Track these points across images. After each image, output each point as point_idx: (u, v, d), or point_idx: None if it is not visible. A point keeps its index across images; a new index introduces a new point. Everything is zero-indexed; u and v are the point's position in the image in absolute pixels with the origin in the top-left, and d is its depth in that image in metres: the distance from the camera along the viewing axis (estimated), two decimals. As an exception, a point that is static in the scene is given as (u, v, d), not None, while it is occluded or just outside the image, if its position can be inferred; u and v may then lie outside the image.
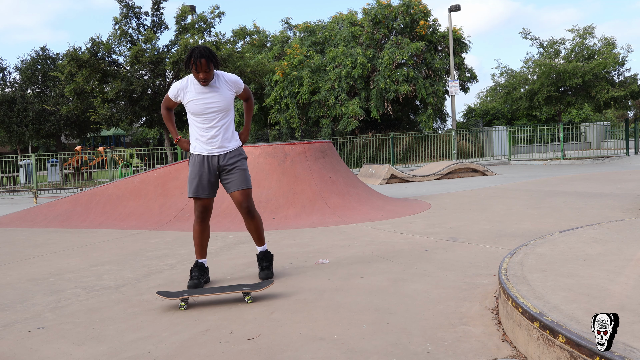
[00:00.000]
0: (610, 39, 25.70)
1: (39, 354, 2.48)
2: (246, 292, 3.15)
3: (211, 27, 17.99)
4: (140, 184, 7.18)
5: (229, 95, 3.47)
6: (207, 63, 3.27)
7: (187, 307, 3.10)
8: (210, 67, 3.30)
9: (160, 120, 17.84)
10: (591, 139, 25.69)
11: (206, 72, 3.30)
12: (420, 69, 23.00)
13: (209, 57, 3.28)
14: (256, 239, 3.67)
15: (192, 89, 3.43)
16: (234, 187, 3.50)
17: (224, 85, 3.46)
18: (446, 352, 2.23)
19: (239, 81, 3.53)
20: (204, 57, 3.25)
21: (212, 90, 3.42)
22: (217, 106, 3.44)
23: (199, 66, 3.27)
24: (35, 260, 4.83)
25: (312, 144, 6.97)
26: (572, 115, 33.78)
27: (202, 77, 3.32)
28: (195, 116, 3.46)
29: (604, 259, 2.91)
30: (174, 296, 3.11)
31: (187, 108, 3.47)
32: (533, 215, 5.90)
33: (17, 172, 20.16)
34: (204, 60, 3.26)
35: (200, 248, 3.58)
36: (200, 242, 3.56)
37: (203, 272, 3.54)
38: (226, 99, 3.45)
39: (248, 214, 3.53)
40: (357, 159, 20.41)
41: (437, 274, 3.53)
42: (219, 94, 3.43)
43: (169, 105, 3.63)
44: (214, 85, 3.42)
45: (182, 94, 3.46)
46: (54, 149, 31.51)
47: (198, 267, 3.53)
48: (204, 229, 3.56)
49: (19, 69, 22.91)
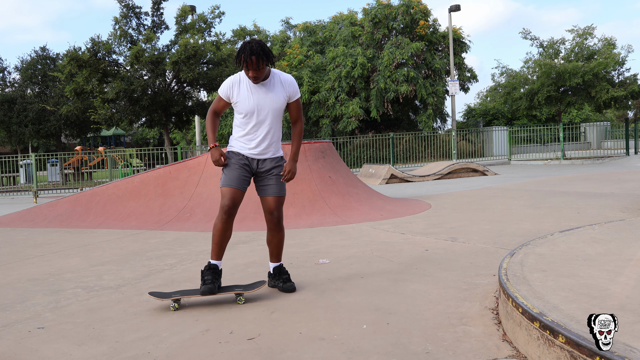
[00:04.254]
0: (611, 39, 25.70)
1: (39, 354, 2.48)
2: (238, 293, 3.13)
3: (211, 27, 18.00)
4: (140, 184, 7.18)
5: (282, 96, 3.21)
6: (258, 61, 3.02)
7: (186, 307, 3.10)
8: (261, 65, 3.04)
9: (160, 120, 17.85)
10: (591, 139, 25.69)
11: (256, 71, 3.05)
12: (420, 69, 23.00)
13: (260, 54, 3.02)
14: (275, 255, 3.36)
15: (244, 85, 3.19)
16: (270, 192, 3.24)
17: (278, 85, 3.22)
18: (446, 352, 2.23)
19: (293, 83, 3.26)
20: (254, 54, 3.00)
21: (265, 89, 3.18)
22: (268, 105, 3.19)
23: (250, 64, 3.03)
24: (35, 260, 4.83)
25: (312, 144, 6.96)
26: (572, 115, 33.77)
27: (252, 76, 3.08)
28: (243, 115, 3.20)
29: (604, 259, 2.91)
30: (166, 297, 3.07)
31: (235, 106, 3.22)
32: (533, 215, 5.90)
33: (17, 172, 20.16)
34: (254, 58, 3.00)
35: (218, 248, 3.18)
36: (221, 241, 3.17)
37: (217, 276, 3.18)
38: (279, 99, 3.21)
39: (277, 224, 3.26)
40: (357, 159, 20.41)
41: (437, 274, 3.53)
42: (272, 93, 3.19)
43: (217, 108, 3.28)
44: (268, 84, 3.19)
45: (233, 91, 3.19)
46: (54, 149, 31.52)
47: (212, 269, 3.17)
48: (227, 227, 3.16)
49: (19, 69, 22.91)
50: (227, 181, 3.17)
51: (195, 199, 6.69)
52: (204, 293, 3.05)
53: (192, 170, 6.95)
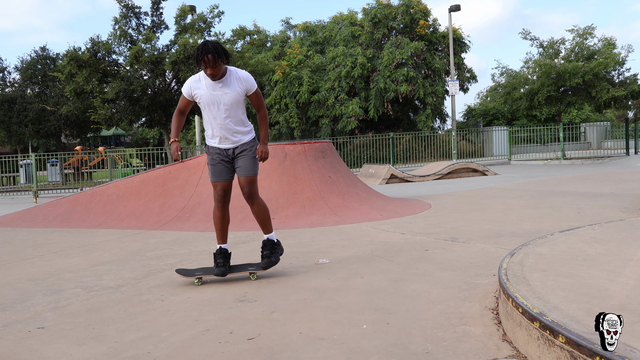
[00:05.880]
0: (611, 39, 25.70)
1: (39, 354, 2.48)
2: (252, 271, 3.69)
3: (211, 27, 17.97)
4: (140, 184, 7.18)
5: (238, 91, 3.55)
6: (214, 59, 3.33)
7: (186, 307, 3.11)
8: (217, 63, 3.36)
9: (160, 120, 17.85)
10: (591, 139, 25.67)
11: (213, 68, 3.37)
12: (420, 69, 22.99)
13: (216, 52, 3.33)
14: (260, 225, 3.78)
15: (204, 83, 3.54)
16: (240, 173, 3.66)
17: (234, 81, 3.54)
18: (446, 352, 2.23)
19: (249, 79, 3.59)
20: (210, 52, 3.32)
21: (223, 85, 3.51)
22: (226, 99, 3.53)
23: (207, 62, 3.35)
24: (35, 260, 4.83)
25: (312, 144, 6.97)
26: (572, 115, 33.76)
27: (209, 73, 3.41)
28: (206, 109, 3.59)
29: (604, 259, 2.91)
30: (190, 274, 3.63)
31: (199, 101, 3.59)
32: (533, 215, 5.90)
33: (17, 172, 20.15)
34: (210, 56, 3.32)
35: (221, 233, 3.71)
36: (222, 226, 3.70)
37: (227, 258, 3.69)
38: (236, 93, 3.54)
39: (249, 198, 3.66)
40: (357, 159, 20.41)
41: (437, 274, 3.53)
42: (229, 88, 3.52)
43: (181, 107, 3.69)
44: (225, 81, 3.51)
45: (194, 90, 3.56)
46: (54, 149, 31.50)
47: (222, 253, 3.68)
48: (224, 214, 3.70)
49: (19, 69, 22.91)
50: (213, 176, 3.67)
51: (195, 199, 6.69)
52: (217, 275, 3.61)
53: (192, 170, 6.95)
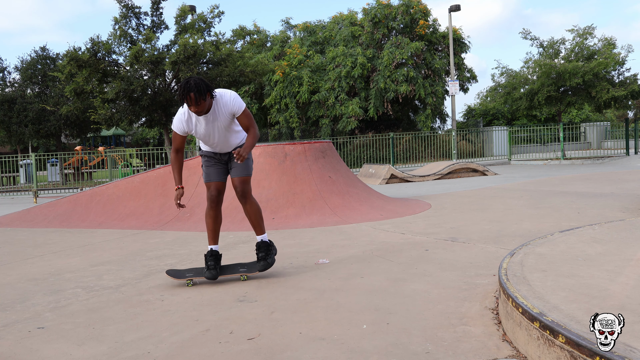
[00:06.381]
0: (611, 39, 25.69)
1: (39, 354, 2.48)
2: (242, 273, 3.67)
3: (211, 27, 17.98)
4: (140, 184, 7.18)
5: (227, 118, 3.50)
6: (196, 98, 3.25)
7: (186, 307, 3.10)
8: (199, 101, 3.27)
9: (160, 120, 17.85)
10: (591, 139, 25.67)
11: (197, 106, 3.29)
12: (420, 69, 22.98)
13: (198, 91, 3.23)
14: (253, 226, 3.76)
15: (193, 118, 3.48)
16: (233, 174, 3.65)
17: (221, 110, 3.46)
18: (446, 352, 2.23)
19: (235, 101, 3.47)
20: (192, 91, 3.23)
21: (212, 118, 3.46)
22: (218, 126, 3.50)
23: (189, 100, 3.27)
24: (35, 260, 4.83)
25: (312, 144, 6.96)
26: (572, 115, 33.75)
27: (194, 110, 3.33)
28: (200, 137, 3.58)
29: (604, 259, 2.91)
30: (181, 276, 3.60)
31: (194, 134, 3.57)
32: (533, 215, 5.90)
33: (17, 172, 20.15)
34: (192, 95, 3.24)
35: (213, 234, 3.70)
36: (214, 227, 3.69)
37: (218, 260, 3.67)
38: (224, 122, 3.50)
39: (242, 197, 3.64)
40: (357, 159, 20.40)
41: (437, 274, 3.53)
42: (218, 120, 3.47)
43: (177, 145, 3.57)
44: (213, 112, 3.44)
45: (186, 125, 3.49)
46: (54, 149, 31.48)
47: (213, 255, 3.66)
48: (217, 214, 3.68)
49: (19, 69, 22.90)
50: (208, 177, 3.68)
51: (195, 199, 6.68)
52: (208, 278, 3.60)
53: (192, 170, 6.95)
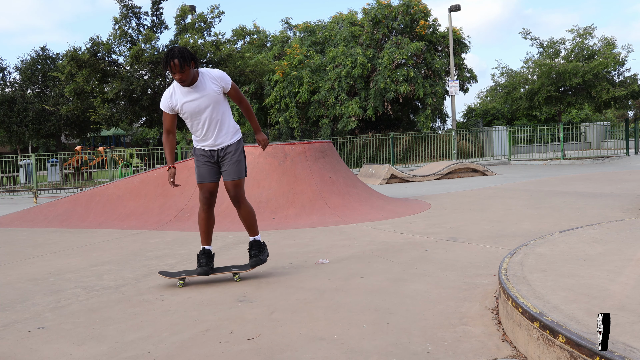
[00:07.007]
0: (611, 39, 25.70)
1: (39, 354, 2.48)
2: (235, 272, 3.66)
3: (211, 27, 17.98)
4: (140, 184, 7.18)
5: (214, 91, 3.48)
6: (181, 64, 3.26)
7: (186, 307, 3.10)
8: (184, 68, 3.28)
9: (160, 120, 17.84)
10: (591, 139, 25.67)
11: (181, 73, 3.30)
12: (420, 69, 22.98)
13: (182, 57, 3.26)
14: (246, 229, 3.75)
15: (178, 92, 3.47)
16: (225, 177, 3.62)
17: (209, 83, 3.47)
18: (446, 352, 2.23)
19: (223, 77, 3.52)
20: (175, 57, 3.25)
21: (197, 90, 3.45)
22: (204, 103, 3.47)
23: (173, 67, 3.28)
24: (35, 260, 4.83)
25: (312, 144, 6.96)
26: (572, 115, 33.76)
27: (177, 78, 3.33)
28: (187, 117, 3.53)
29: (604, 259, 2.91)
30: (174, 276, 3.61)
31: (180, 113, 3.52)
32: (533, 215, 5.90)
33: (17, 172, 20.14)
34: (176, 61, 3.26)
35: (206, 235, 3.69)
36: (206, 228, 3.68)
37: (210, 259, 3.67)
38: (212, 95, 3.47)
39: (236, 202, 3.64)
40: (357, 159, 20.40)
41: (437, 274, 3.53)
42: (205, 91, 3.46)
43: (167, 126, 3.58)
44: (199, 85, 3.45)
45: (172, 101, 3.48)
46: (54, 149, 31.48)
47: (205, 254, 3.66)
48: (210, 216, 3.67)
49: (19, 69, 22.90)
50: (199, 178, 3.65)
51: (195, 199, 6.68)
52: (200, 274, 3.58)
53: (192, 170, 6.92)
